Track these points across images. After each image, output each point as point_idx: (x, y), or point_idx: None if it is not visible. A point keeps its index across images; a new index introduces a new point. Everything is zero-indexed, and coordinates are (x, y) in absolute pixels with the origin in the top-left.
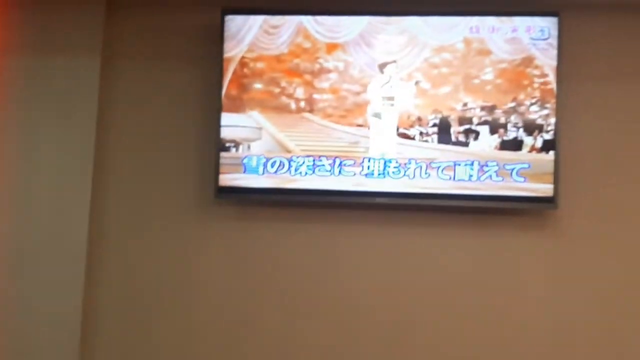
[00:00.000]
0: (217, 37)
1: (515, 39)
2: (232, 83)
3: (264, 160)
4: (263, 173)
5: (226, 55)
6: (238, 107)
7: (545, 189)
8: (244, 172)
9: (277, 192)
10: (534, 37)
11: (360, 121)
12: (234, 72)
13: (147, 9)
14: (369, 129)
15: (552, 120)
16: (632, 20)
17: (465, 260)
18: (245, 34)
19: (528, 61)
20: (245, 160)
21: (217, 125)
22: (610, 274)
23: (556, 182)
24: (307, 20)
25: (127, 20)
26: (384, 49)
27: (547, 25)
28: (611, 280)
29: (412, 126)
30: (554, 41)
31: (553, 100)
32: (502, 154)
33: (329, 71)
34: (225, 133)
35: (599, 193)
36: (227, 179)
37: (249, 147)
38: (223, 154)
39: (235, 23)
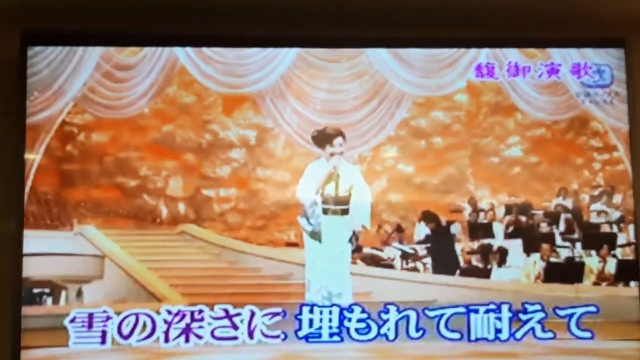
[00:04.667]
0: (14, 84)
1: (557, 86)
2: (43, 173)
3: (111, 318)
4: (109, 344)
5: (32, 119)
6: (56, 218)
7: (629, 350)
8: (71, 343)
9: None
10: (588, 82)
11: (290, 237)
12: (47, 151)
13: None
14: (306, 250)
15: (630, 225)
16: None
17: None
18: (70, 78)
19: (580, 123)
20: (72, 320)
21: (17, 255)
22: None
23: None
24: (186, 55)
25: None
26: (326, 106)
27: (606, 61)
28: None
29: (386, 243)
30: (620, 88)
31: (628, 190)
32: (549, 289)
33: (229, 147)
34: (33, 269)
35: None
36: (38, 358)
37: (79, 293)
38: (28, 310)
39: (48, 59)
